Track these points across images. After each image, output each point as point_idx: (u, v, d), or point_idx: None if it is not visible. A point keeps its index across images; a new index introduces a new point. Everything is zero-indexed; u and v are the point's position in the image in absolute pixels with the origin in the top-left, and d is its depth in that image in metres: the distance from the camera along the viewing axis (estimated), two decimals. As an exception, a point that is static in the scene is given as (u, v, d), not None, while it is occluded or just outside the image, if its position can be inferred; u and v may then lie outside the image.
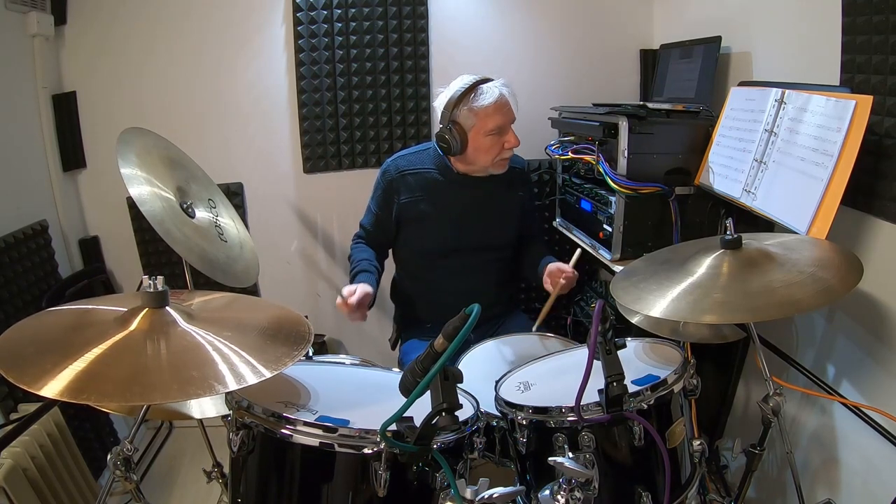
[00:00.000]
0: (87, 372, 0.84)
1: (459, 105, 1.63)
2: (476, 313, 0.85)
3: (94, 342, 0.90)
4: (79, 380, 0.83)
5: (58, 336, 0.96)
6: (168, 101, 2.22)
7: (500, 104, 1.63)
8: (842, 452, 1.43)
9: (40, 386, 0.81)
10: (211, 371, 0.89)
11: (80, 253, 2.25)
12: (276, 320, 1.12)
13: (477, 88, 1.63)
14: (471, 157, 1.69)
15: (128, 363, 0.89)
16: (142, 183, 1.36)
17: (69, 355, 0.86)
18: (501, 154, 1.68)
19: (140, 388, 0.85)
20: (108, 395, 0.84)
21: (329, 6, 2.18)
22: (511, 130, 1.67)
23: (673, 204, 1.57)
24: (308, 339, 1.06)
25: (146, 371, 0.88)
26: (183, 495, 2.06)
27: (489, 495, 0.87)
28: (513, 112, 1.67)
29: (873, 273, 1.17)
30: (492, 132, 1.64)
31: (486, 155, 1.67)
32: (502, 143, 1.67)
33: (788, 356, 1.56)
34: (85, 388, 0.82)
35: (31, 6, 1.95)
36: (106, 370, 0.86)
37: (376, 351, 2.39)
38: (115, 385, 0.84)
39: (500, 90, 1.63)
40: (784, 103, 1.37)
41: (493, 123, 1.63)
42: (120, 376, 0.86)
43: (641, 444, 1.03)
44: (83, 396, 0.81)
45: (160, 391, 0.85)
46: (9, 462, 1.43)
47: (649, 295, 1.12)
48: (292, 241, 2.44)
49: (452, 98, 1.64)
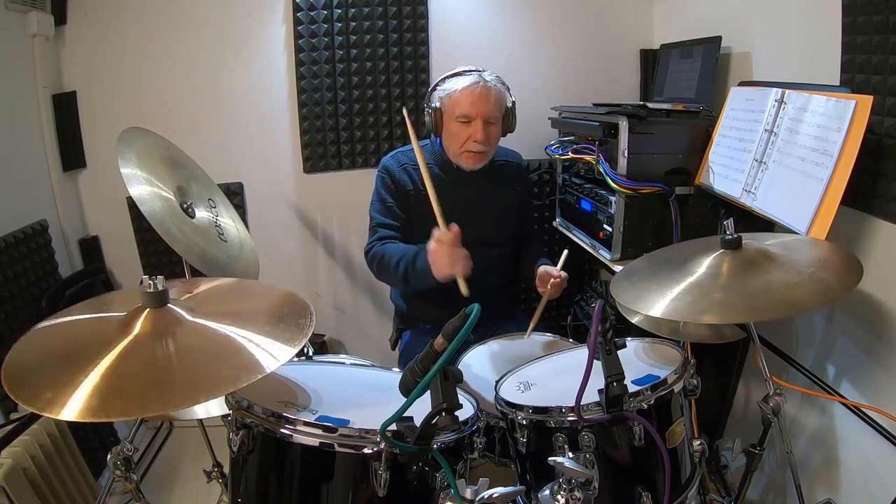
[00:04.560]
0: (101, 388, 0.81)
1: (440, 86, 1.68)
2: (476, 313, 0.85)
3: (100, 354, 0.86)
4: (95, 398, 0.79)
5: (62, 353, 0.91)
6: (168, 101, 2.22)
7: (471, 91, 1.62)
8: (842, 452, 1.43)
9: (58, 410, 0.78)
10: (240, 360, 0.87)
11: (80, 253, 2.24)
12: (275, 303, 1.12)
13: (460, 74, 1.66)
14: (445, 142, 1.72)
15: (139, 371, 0.85)
16: (142, 183, 1.37)
17: (79, 373, 0.83)
18: (467, 146, 1.67)
19: (158, 395, 0.82)
20: (128, 410, 0.81)
21: (329, 6, 2.18)
22: (479, 125, 1.63)
23: (673, 204, 1.57)
24: (310, 312, 1.04)
25: (159, 376, 0.85)
26: (183, 495, 2.06)
27: (489, 495, 0.87)
28: (488, 106, 1.63)
29: (873, 273, 1.17)
30: (459, 119, 1.64)
31: (454, 142, 1.68)
32: (468, 134, 1.65)
33: (788, 356, 1.56)
34: (103, 406, 0.79)
35: (31, 6, 1.95)
36: (120, 382, 0.83)
37: (376, 351, 2.39)
38: (132, 397, 0.81)
39: (479, 80, 1.64)
40: (784, 103, 1.36)
41: (459, 110, 1.63)
42: (135, 387, 0.83)
43: (641, 444, 1.03)
44: (102, 414, 0.78)
45: (178, 395, 0.82)
46: (9, 462, 1.42)
47: (649, 295, 1.12)
48: (292, 242, 2.44)
49: (436, 81, 1.70)
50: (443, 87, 1.67)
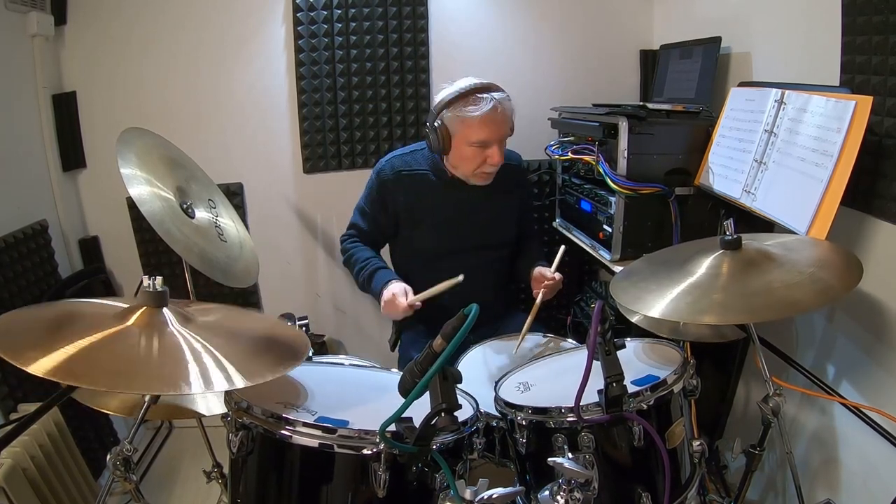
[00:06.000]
0: (77, 357, 0.86)
1: (450, 107, 1.60)
2: (474, 314, 0.85)
3: (88, 331, 0.92)
4: (69, 362, 0.85)
5: (53, 322, 0.98)
6: (168, 101, 2.22)
7: (488, 118, 1.57)
8: (842, 452, 1.43)
9: (29, 362, 0.82)
10: (179, 371, 0.91)
11: (80, 253, 2.24)
12: (272, 334, 1.14)
13: (472, 96, 1.57)
14: (454, 161, 1.68)
15: (119, 353, 0.91)
16: (142, 183, 1.36)
17: (62, 339, 0.88)
18: (482, 168, 1.65)
19: (126, 378, 0.88)
20: (95, 381, 0.86)
21: (329, 6, 2.18)
22: (496, 147, 1.61)
23: (673, 204, 1.57)
24: (300, 357, 1.06)
25: (134, 363, 0.91)
26: (183, 495, 2.06)
27: (489, 496, 0.87)
28: (504, 128, 1.62)
29: (873, 273, 1.17)
30: (474, 144, 1.60)
31: (468, 165, 1.65)
32: (485, 157, 1.62)
33: (788, 356, 1.56)
34: (73, 371, 0.84)
35: (31, 6, 1.95)
36: (96, 356, 0.88)
37: (376, 351, 2.39)
38: (102, 372, 0.87)
39: (495, 104, 1.57)
40: (784, 104, 1.36)
41: (476, 136, 1.59)
42: (109, 365, 0.88)
43: (641, 445, 1.03)
44: (70, 378, 0.84)
45: (143, 383, 0.89)
46: (9, 462, 1.42)
47: (649, 295, 1.12)
48: (292, 242, 2.44)
49: (445, 98, 1.61)
50: (455, 110, 1.58)
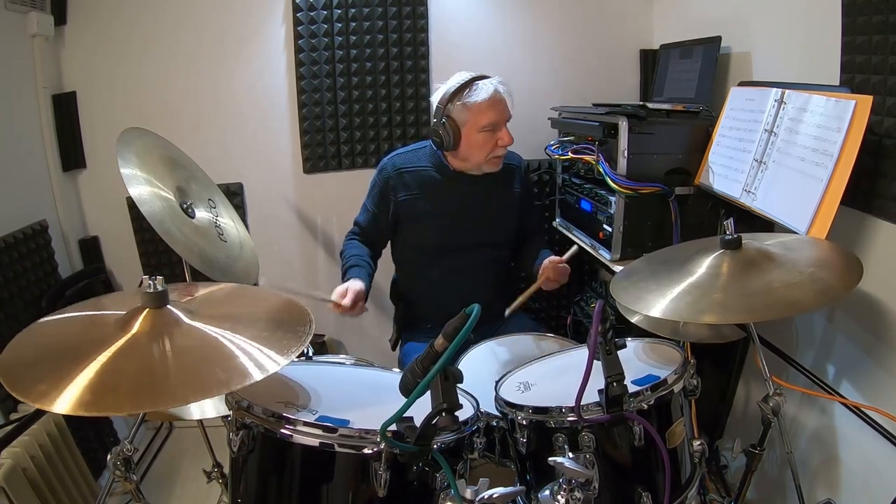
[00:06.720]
0: (95, 384, 0.82)
1: (454, 100, 1.64)
2: (476, 313, 0.85)
3: (97, 350, 0.87)
4: (88, 392, 0.80)
5: (59, 348, 0.93)
6: (168, 101, 2.22)
7: (493, 101, 1.63)
8: (842, 452, 1.43)
9: (51, 402, 0.79)
10: (232, 365, 0.88)
11: (80, 253, 2.24)
12: (275, 310, 1.12)
13: (472, 84, 1.64)
14: (464, 153, 1.70)
15: (134, 369, 0.87)
16: (142, 183, 1.36)
17: (74, 367, 0.84)
18: (495, 151, 1.69)
19: (151, 393, 0.83)
20: (121, 406, 0.83)
21: (329, 6, 2.18)
22: (505, 128, 1.68)
23: (673, 204, 1.57)
24: (310, 321, 1.04)
25: (153, 375, 0.86)
26: (183, 495, 2.06)
27: (489, 495, 0.87)
28: (507, 110, 1.67)
29: (873, 273, 1.17)
30: (485, 128, 1.64)
31: (480, 151, 1.68)
32: (496, 139, 1.67)
33: (788, 356, 1.56)
34: (96, 401, 0.80)
35: (31, 6, 1.95)
36: (114, 379, 0.84)
37: (376, 351, 2.39)
38: (125, 394, 0.82)
39: (496, 87, 1.64)
40: (784, 103, 1.36)
41: (486, 120, 1.63)
42: (129, 384, 0.84)
43: (641, 445, 1.03)
44: (94, 409, 0.79)
45: (170, 394, 0.83)
46: (9, 462, 1.43)
47: (649, 295, 1.12)
48: (292, 242, 2.44)
49: (447, 93, 1.66)
50: (460, 101, 1.63)
